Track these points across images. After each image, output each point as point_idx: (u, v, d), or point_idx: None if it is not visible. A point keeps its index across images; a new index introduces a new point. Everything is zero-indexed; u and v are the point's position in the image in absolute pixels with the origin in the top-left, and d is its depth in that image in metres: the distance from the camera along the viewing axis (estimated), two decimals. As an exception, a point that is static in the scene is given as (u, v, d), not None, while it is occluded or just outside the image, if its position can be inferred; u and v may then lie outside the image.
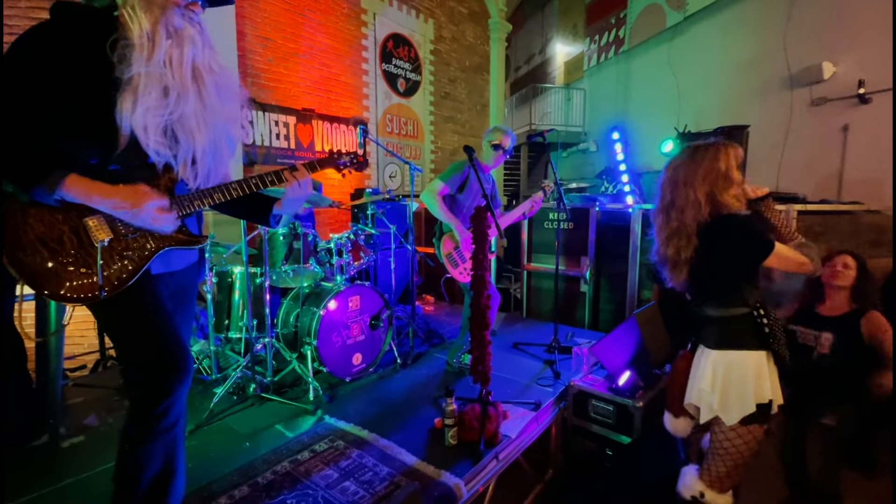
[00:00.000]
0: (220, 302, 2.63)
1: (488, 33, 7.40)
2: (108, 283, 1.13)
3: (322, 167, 1.43)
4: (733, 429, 1.49)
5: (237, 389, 2.46)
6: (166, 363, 1.20)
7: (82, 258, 1.12)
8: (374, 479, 1.74)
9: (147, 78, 1.08)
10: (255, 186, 1.31)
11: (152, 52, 1.08)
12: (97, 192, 1.10)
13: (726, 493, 1.59)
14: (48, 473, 1.79)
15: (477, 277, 2.07)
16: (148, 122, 1.09)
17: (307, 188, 1.37)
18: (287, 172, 1.34)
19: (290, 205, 1.40)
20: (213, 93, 1.20)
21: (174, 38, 1.11)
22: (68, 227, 1.12)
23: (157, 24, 1.08)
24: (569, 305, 3.90)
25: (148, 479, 1.23)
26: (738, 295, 1.49)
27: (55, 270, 1.10)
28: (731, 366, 1.49)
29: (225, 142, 1.26)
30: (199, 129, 1.18)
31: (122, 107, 1.07)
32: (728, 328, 1.51)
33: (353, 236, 2.91)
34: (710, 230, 1.47)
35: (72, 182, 1.07)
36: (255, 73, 4.32)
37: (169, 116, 1.12)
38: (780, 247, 1.42)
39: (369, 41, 5.45)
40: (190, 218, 1.29)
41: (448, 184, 2.55)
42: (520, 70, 11.88)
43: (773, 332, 1.46)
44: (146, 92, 1.08)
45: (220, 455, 1.92)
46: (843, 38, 4.84)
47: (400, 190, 5.94)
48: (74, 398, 2.46)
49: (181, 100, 1.13)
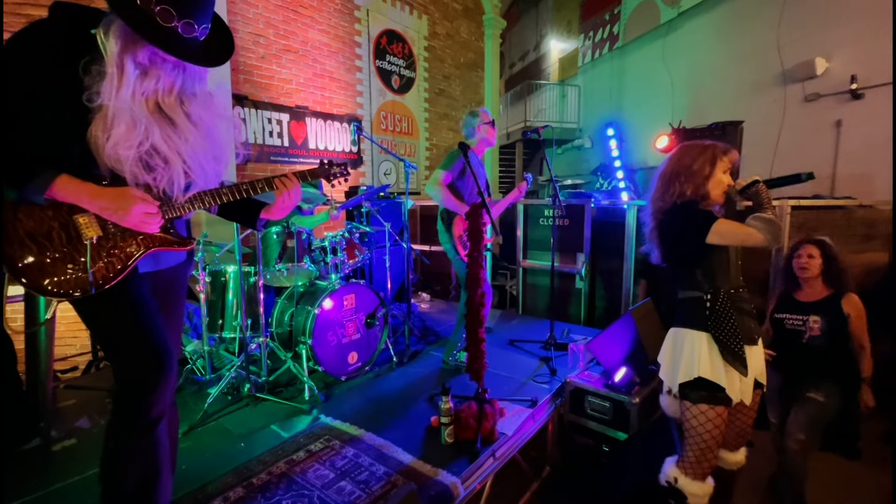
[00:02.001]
0: (213, 301, 2.60)
1: (482, 29, 7.37)
2: (94, 280, 1.14)
3: (313, 178, 1.45)
4: (688, 408, 1.59)
5: (231, 389, 2.45)
6: (148, 360, 1.20)
7: (70, 254, 1.13)
8: (370, 479, 1.73)
9: (116, 111, 1.07)
10: (245, 193, 1.32)
11: (120, 86, 1.06)
12: (86, 193, 1.11)
13: (702, 481, 1.61)
14: (39, 477, 1.77)
15: (471, 275, 2.06)
16: (119, 155, 1.09)
17: (296, 197, 1.39)
18: (278, 181, 1.36)
19: (279, 212, 1.42)
20: (189, 121, 1.19)
21: (140, 71, 1.09)
22: (58, 224, 1.12)
23: (125, 54, 1.06)
24: (564, 302, 3.90)
25: (131, 477, 1.23)
26: (693, 279, 1.60)
27: (43, 266, 1.11)
28: (674, 339, 1.66)
29: (210, 162, 1.25)
30: (176, 156, 1.17)
31: (94, 134, 1.07)
32: (682, 309, 1.65)
33: (348, 234, 2.90)
34: (664, 215, 1.63)
35: (62, 183, 1.08)
36: (247, 69, 4.27)
37: (138, 148, 1.11)
38: (721, 222, 1.50)
39: (363, 37, 5.41)
40: (179, 220, 1.30)
41: (450, 171, 2.59)
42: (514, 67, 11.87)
43: (717, 318, 1.55)
44: (115, 125, 1.07)
45: (214, 456, 1.90)
46: (835, 34, 4.86)
47: (395, 187, 5.91)
48: (66, 400, 2.43)
49: (150, 132, 1.12)
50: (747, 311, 1.59)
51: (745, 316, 1.57)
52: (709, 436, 1.56)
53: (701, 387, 1.54)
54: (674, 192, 1.60)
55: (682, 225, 1.58)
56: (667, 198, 1.62)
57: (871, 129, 4.50)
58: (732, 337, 1.53)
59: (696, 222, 1.53)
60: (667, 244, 1.66)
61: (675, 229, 1.61)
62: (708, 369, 1.53)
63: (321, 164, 1.48)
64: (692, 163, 1.58)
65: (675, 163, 1.63)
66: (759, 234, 1.45)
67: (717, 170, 1.57)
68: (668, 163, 1.66)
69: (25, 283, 1.10)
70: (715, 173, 1.57)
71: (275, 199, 1.39)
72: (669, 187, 1.61)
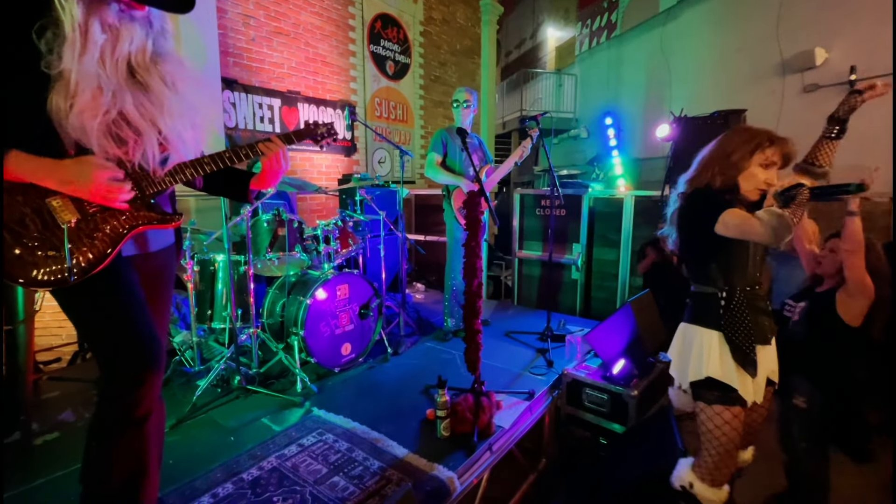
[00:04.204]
0: (202, 291, 2.53)
1: (479, 15, 7.22)
2: (76, 267, 1.05)
3: (299, 139, 1.37)
4: (703, 409, 1.52)
5: (221, 381, 2.38)
6: (137, 353, 1.13)
7: (48, 240, 1.04)
8: (364, 474, 1.69)
9: (79, 76, 0.98)
10: (228, 160, 1.24)
11: (84, 49, 0.98)
12: (42, 168, 1.02)
13: (718, 488, 1.55)
14: (20, 472, 1.70)
15: (468, 265, 2.01)
16: (85, 124, 1.00)
17: (284, 161, 1.31)
18: (262, 145, 1.28)
19: (268, 180, 1.34)
20: (163, 84, 1.11)
21: (109, 34, 1.01)
22: (30, 209, 1.03)
23: (90, 15, 0.97)
24: (560, 293, 3.87)
25: (116, 478, 1.16)
26: (708, 274, 1.52)
27: (20, 255, 1.02)
28: (685, 335, 1.58)
29: (188, 130, 1.17)
30: (149, 125, 1.09)
31: (55, 103, 0.98)
32: (695, 303, 1.57)
33: (341, 223, 2.82)
34: (685, 200, 1.53)
35: (13, 160, 0.99)
36: (236, 52, 4.14)
37: (104, 117, 1.02)
38: (729, 212, 1.37)
39: (357, 21, 5.27)
40: (161, 196, 1.21)
41: (436, 151, 2.97)
42: (510, 55, 11.72)
43: (732, 318, 1.47)
44: (79, 91, 0.98)
45: (203, 450, 1.84)
46: (836, 24, 4.81)
47: (389, 176, 5.82)
48: (49, 392, 2.36)
49: (121, 99, 1.04)
50: (763, 310, 1.52)
51: (760, 315, 1.50)
52: (726, 438, 1.49)
53: (714, 387, 1.48)
54: (704, 180, 1.48)
55: (695, 213, 1.50)
56: (695, 182, 1.52)
57: (869, 121, 4.46)
58: (746, 338, 1.46)
59: (707, 210, 1.42)
60: (683, 232, 1.57)
61: (690, 217, 1.52)
62: (718, 370, 1.47)
63: (307, 124, 1.41)
64: (732, 152, 1.44)
65: (717, 147, 1.50)
66: (760, 227, 1.29)
67: (752, 162, 1.43)
68: (712, 146, 1.53)
69: (6, 277, 1.02)
70: (748, 166, 1.43)
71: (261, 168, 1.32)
72: (703, 173, 1.50)
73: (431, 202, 4.98)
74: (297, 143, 1.36)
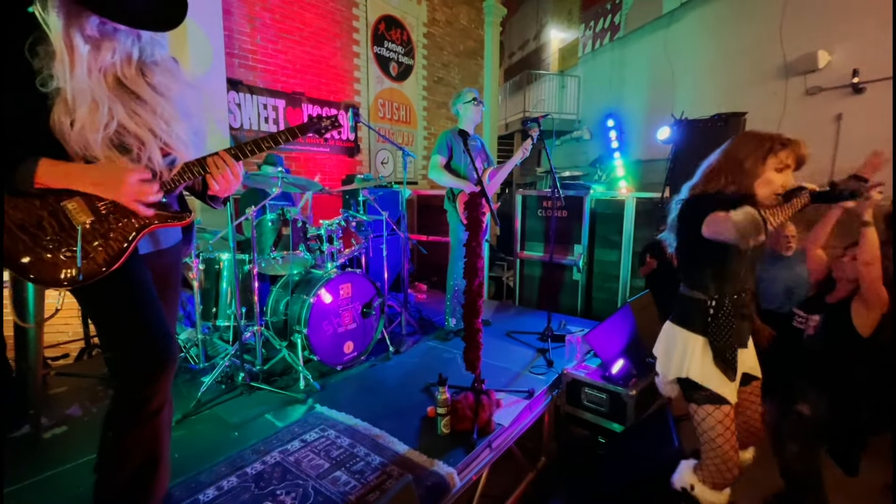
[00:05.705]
0: (207, 289, 2.56)
1: (482, 17, 7.25)
2: (93, 266, 1.09)
3: (303, 133, 1.36)
4: (695, 411, 1.54)
5: (225, 378, 2.42)
6: (152, 350, 1.17)
7: (65, 241, 1.08)
8: (365, 469, 1.72)
9: (74, 92, 1.01)
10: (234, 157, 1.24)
11: (73, 65, 1.00)
12: (75, 171, 1.06)
13: (719, 492, 1.56)
14: (29, 465, 1.74)
15: (469, 265, 2.03)
16: (88, 139, 1.03)
17: (233, 180, 1.23)
18: (210, 160, 1.21)
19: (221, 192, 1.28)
20: (155, 92, 1.13)
21: (91, 44, 1.03)
22: (47, 212, 1.07)
23: (71, 28, 0.99)
24: (561, 293, 3.89)
25: (129, 468, 1.20)
26: (699, 279, 1.52)
27: (39, 256, 1.06)
28: (669, 334, 1.62)
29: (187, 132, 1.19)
30: (147, 133, 1.11)
31: (58, 120, 1.01)
32: (683, 306, 1.58)
33: (344, 223, 2.85)
34: (684, 204, 1.53)
35: (46, 167, 1.02)
36: (241, 53, 4.19)
37: (105, 130, 1.05)
38: (712, 214, 1.33)
39: (361, 23, 5.31)
40: (170, 196, 1.24)
41: (441, 153, 2.98)
42: (514, 56, 11.74)
43: (718, 326, 1.48)
44: (76, 107, 1.01)
45: (207, 445, 1.88)
46: (838, 27, 4.81)
47: (392, 177, 5.85)
48: (57, 387, 2.40)
49: (114, 110, 1.06)
50: (747, 316, 1.53)
51: (743, 320, 1.51)
52: (722, 438, 1.50)
53: (701, 387, 1.50)
54: (714, 188, 1.42)
55: (689, 217, 1.48)
56: (700, 190, 1.46)
57: (871, 124, 4.48)
58: (729, 346, 1.47)
59: (698, 214, 1.39)
60: (679, 236, 1.57)
61: (685, 221, 1.52)
62: (698, 372, 1.49)
63: (310, 118, 1.40)
64: (745, 158, 1.40)
65: (726, 155, 1.45)
66: (730, 228, 1.25)
67: (767, 168, 1.39)
68: (719, 154, 1.48)
69: (24, 276, 1.06)
70: (763, 172, 1.40)
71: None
72: (711, 181, 1.44)
73: (434, 203, 5.01)
74: (301, 137, 1.36)
